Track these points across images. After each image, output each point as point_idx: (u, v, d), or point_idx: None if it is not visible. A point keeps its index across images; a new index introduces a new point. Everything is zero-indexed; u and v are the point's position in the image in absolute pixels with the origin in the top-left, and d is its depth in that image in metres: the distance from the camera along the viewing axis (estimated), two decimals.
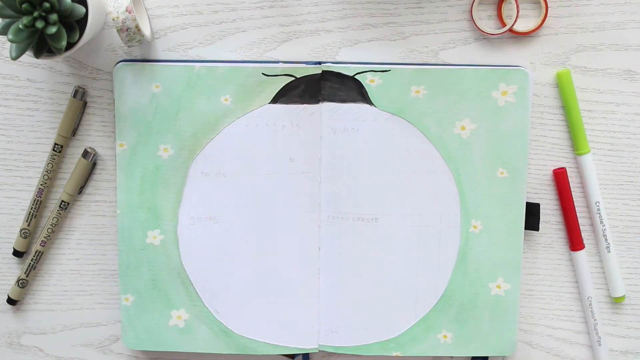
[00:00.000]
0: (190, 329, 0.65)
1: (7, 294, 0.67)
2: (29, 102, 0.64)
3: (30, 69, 0.64)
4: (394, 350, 0.65)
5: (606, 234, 0.65)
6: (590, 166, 0.64)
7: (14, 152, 0.65)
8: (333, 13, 0.63)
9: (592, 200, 0.64)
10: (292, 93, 0.62)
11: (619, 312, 0.67)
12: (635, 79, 0.63)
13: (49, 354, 0.68)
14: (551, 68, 0.63)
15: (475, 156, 0.62)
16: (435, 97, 0.62)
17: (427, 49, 0.63)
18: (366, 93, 0.62)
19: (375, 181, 0.62)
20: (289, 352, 0.65)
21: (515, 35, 0.63)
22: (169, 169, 0.63)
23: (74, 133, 0.64)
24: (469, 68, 0.62)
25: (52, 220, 0.65)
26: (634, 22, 0.63)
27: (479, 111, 0.62)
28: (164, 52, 0.63)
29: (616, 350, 0.67)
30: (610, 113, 0.64)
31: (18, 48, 0.55)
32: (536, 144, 0.64)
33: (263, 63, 0.62)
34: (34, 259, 0.65)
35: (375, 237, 0.64)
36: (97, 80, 0.64)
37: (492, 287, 0.64)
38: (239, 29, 0.63)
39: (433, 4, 0.63)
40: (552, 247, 0.66)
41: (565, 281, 0.66)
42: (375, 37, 0.63)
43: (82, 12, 0.55)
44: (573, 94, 0.63)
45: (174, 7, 0.63)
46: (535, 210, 0.64)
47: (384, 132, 0.62)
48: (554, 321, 0.67)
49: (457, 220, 0.63)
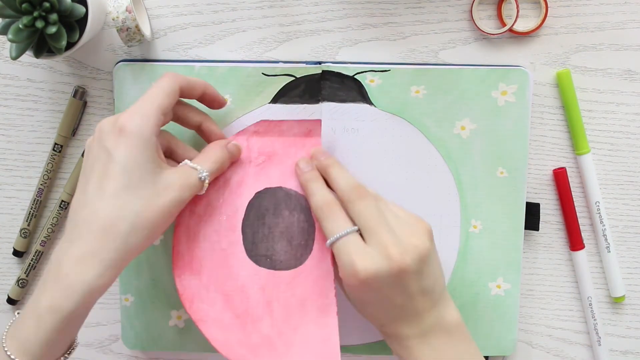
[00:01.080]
0: (190, 329, 0.65)
1: (7, 294, 0.67)
2: (29, 102, 0.64)
3: (30, 69, 0.64)
4: None
5: (606, 234, 0.65)
6: (590, 166, 0.64)
7: (14, 152, 0.65)
8: (333, 13, 0.63)
9: (592, 200, 0.64)
10: (292, 93, 0.62)
11: (619, 312, 0.67)
12: (635, 79, 0.63)
13: None
14: (551, 68, 0.63)
15: (475, 156, 0.62)
16: (435, 97, 0.62)
17: (427, 49, 0.63)
18: (366, 93, 0.62)
19: (375, 181, 0.62)
20: None
21: (515, 35, 0.63)
22: None
23: (74, 133, 0.64)
24: (468, 68, 0.62)
25: (52, 220, 0.65)
26: (634, 22, 0.63)
27: (478, 111, 0.62)
28: (164, 52, 0.63)
29: (616, 350, 0.67)
30: (610, 113, 0.64)
31: (18, 48, 0.55)
32: (536, 144, 0.64)
33: (263, 63, 0.62)
34: (34, 259, 0.65)
35: None
36: (97, 80, 0.64)
37: (492, 287, 0.64)
38: (239, 29, 0.63)
39: (433, 4, 0.63)
40: (552, 247, 0.66)
41: (565, 281, 0.66)
42: (375, 37, 0.63)
43: (82, 12, 0.55)
44: (573, 94, 0.63)
45: (174, 7, 0.63)
46: (535, 210, 0.64)
47: (384, 132, 0.62)
48: (554, 321, 0.67)
49: (457, 220, 0.63)
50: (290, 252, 0.60)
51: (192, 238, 0.59)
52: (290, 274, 0.59)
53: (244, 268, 0.59)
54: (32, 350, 0.49)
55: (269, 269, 0.59)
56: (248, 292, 0.59)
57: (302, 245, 0.60)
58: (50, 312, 0.49)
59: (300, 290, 0.59)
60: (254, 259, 0.60)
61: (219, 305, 0.59)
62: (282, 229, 0.60)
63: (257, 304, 0.59)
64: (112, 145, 0.51)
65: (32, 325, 0.50)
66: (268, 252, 0.60)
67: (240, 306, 0.59)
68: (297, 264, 0.59)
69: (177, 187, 0.53)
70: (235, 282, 0.59)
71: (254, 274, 0.59)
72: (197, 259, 0.59)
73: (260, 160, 0.61)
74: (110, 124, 0.53)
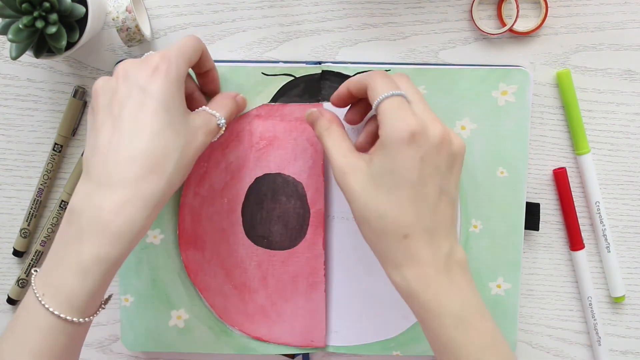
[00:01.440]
0: (190, 329, 0.65)
1: (7, 294, 0.67)
2: (29, 102, 0.64)
3: (30, 69, 0.64)
4: (394, 350, 0.65)
5: (606, 234, 0.65)
6: (590, 166, 0.64)
7: (14, 152, 0.65)
8: (333, 13, 0.63)
9: (592, 200, 0.64)
10: (292, 92, 0.62)
11: (619, 312, 0.67)
12: (635, 79, 0.63)
13: None
14: (551, 68, 0.63)
15: (476, 156, 0.62)
16: (435, 97, 0.62)
17: (427, 49, 0.63)
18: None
19: None
20: (289, 352, 0.65)
21: (515, 35, 0.63)
22: None
23: (74, 133, 0.64)
24: (469, 68, 0.62)
25: (52, 220, 0.65)
26: (634, 22, 0.63)
27: (479, 111, 0.62)
28: None
29: (616, 350, 0.67)
30: (610, 113, 0.64)
31: (18, 48, 0.55)
32: (536, 143, 0.64)
33: (263, 63, 0.62)
34: (34, 259, 0.65)
35: None
36: None
37: (492, 287, 0.64)
38: (239, 29, 0.63)
39: (433, 4, 0.63)
40: (552, 247, 0.66)
41: (565, 281, 0.66)
42: (375, 37, 0.63)
43: (82, 12, 0.55)
44: (573, 94, 0.63)
45: (174, 7, 0.63)
46: (535, 210, 0.64)
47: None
48: (554, 321, 0.67)
49: (457, 219, 0.63)
50: (285, 234, 0.63)
51: (195, 218, 0.63)
52: (285, 254, 0.63)
53: (243, 246, 0.63)
54: (77, 303, 0.48)
55: (266, 249, 0.63)
56: (246, 267, 0.64)
57: (296, 229, 0.63)
58: (97, 262, 0.47)
59: (292, 268, 0.64)
60: (252, 239, 0.63)
61: (220, 277, 0.64)
62: (279, 213, 0.63)
63: (254, 278, 0.64)
64: (146, 82, 0.50)
65: (76, 278, 0.47)
66: (265, 234, 0.63)
67: (238, 279, 0.64)
68: (291, 245, 0.63)
69: (203, 131, 0.53)
70: (234, 259, 0.64)
71: (251, 252, 0.63)
72: (200, 236, 0.63)
73: (261, 145, 0.62)
74: (137, 64, 0.51)
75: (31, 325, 0.48)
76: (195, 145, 0.52)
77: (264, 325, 0.64)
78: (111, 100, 0.50)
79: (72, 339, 0.49)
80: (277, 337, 0.64)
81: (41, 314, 0.48)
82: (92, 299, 0.49)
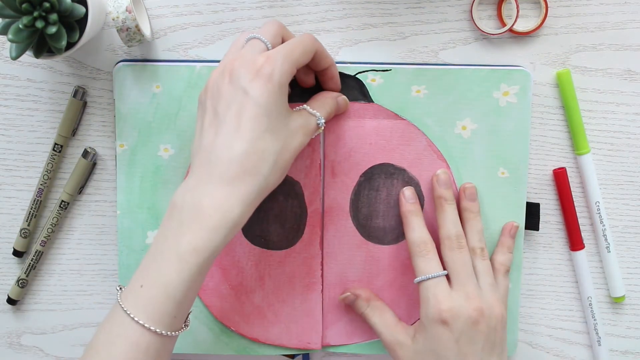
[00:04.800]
0: (190, 329, 0.64)
1: (7, 294, 0.67)
2: (29, 102, 0.64)
3: (30, 69, 0.64)
4: None
5: (606, 234, 0.65)
6: (590, 166, 0.64)
7: (14, 152, 0.65)
8: (333, 13, 0.63)
9: (592, 200, 0.64)
10: (292, 92, 0.62)
11: (619, 312, 0.67)
12: (635, 79, 0.63)
13: (49, 354, 0.67)
14: (551, 68, 0.63)
15: (476, 156, 0.62)
16: (435, 97, 0.62)
17: (427, 49, 0.63)
18: (367, 92, 0.62)
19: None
20: (289, 352, 0.65)
21: (515, 35, 0.63)
22: (169, 169, 0.63)
23: (74, 133, 0.64)
24: (469, 68, 0.62)
25: (52, 220, 0.65)
26: (634, 22, 0.63)
27: (480, 111, 0.62)
28: (164, 52, 0.63)
29: (616, 350, 0.67)
30: (610, 113, 0.64)
31: (18, 48, 0.55)
32: (536, 144, 0.64)
33: None
34: (34, 259, 0.65)
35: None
36: (97, 80, 0.64)
37: None
38: (239, 29, 0.63)
39: (433, 4, 0.63)
40: (552, 247, 0.66)
41: (565, 281, 0.66)
42: (375, 37, 0.63)
43: (82, 12, 0.55)
44: (573, 94, 0.63)
45: (174, 7, 0.63)
46: (535, 210, 0.64)
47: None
48: (554, 321, 0.67)
49: None
50: (282, 234, 0.63)
51: None
52: (282, 254, 0.63)
53: (240, 246, 0.63)
54: (173, 294, 0.50)
55: (263, 248, 0.63)
56: (243, 267, 0.64)
57: (294, 229, 0.63)
58: (195, 253, 0.50)
59: (289, 269, 0.63)
60: (249, 239, 0.63)
61: (217, 277, 0.64)
62: (277, 212, 0.63)
63: (251, 278, 0.64)
64: (249, 86, 0.51)
65: (174, 268, 0.50)
66: (262, 234, 0.63)
67: (235, 279, 0.64)
68: (288, 245, 0.63)
69: (302, 131, 0.55)
70: (231, 258, 0.63)
71: (248, 251, 0.63)
72: None
73: None
74: (244, 61, 0.53)
75: (120, 338, 0.50)
76: (293, 146, 0.54)
77: (260, 326, 0.64)
78: (218, 101, 0.53)
79: (160, 354, 0.51)
80: (274, 338, 0.64)
81: (131, 327, 0.50)
82: (189, 291, 0.50)
